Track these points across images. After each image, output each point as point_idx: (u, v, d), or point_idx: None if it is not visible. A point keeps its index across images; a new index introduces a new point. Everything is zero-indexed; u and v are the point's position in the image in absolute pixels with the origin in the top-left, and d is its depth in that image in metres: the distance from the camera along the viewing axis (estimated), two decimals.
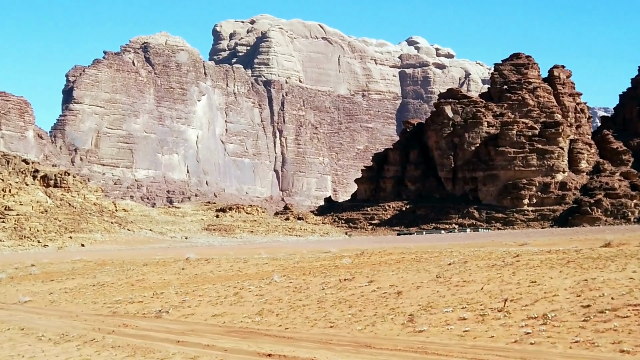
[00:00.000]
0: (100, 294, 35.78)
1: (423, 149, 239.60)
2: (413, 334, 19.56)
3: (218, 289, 32.38)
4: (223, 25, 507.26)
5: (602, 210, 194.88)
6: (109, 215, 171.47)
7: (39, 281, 45.38)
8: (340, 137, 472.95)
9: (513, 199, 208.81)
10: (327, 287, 29.10)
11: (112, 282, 40.43)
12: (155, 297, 32.12)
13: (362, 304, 24.40)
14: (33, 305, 34.47)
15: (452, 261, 33.94)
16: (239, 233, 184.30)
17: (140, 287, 37.44)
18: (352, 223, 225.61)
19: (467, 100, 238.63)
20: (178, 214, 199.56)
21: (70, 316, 28.95)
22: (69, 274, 48.99)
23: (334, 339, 19.83)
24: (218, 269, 42.85)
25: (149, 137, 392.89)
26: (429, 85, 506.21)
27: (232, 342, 20.38)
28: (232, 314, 25.75)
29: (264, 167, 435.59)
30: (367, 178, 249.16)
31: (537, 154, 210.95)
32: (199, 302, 29.13)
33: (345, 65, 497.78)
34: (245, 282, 34.15)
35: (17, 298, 37.09)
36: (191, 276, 40.45)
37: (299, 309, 25.03)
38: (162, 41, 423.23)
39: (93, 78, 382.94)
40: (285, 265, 42.81)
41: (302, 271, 36.89)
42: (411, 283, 27.47)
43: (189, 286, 35.09)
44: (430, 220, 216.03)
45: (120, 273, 45.77)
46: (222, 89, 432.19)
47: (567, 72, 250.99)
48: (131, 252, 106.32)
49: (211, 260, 48.70)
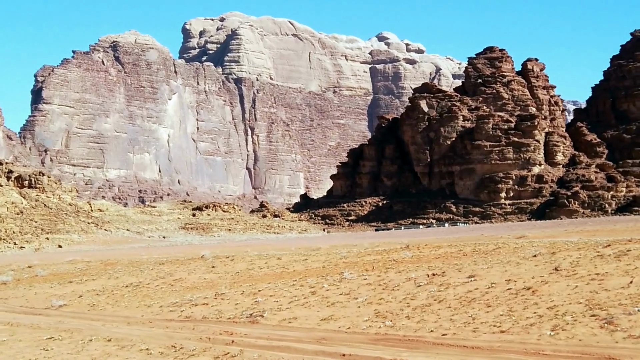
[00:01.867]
0: (143, 296, 33.45)
1: (399, 144, 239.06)
2: (634, 340, 16.70)
3: (285, 288, 29.81)
4: (192, 23, 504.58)
5: (579, 203, 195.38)
6: (85, 216, 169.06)
7: (54, 283, 42.84)
8: (312, 133, 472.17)
9: (490, 192, 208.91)
10: (421, 283, 26.70)
11: (146, 283, 38.11)
12: (220, 298, 29.59)
13: (497, 304, 21.81)
14: (71, 309, 31.71)
15: (538, 252, 31.59)
16: (217, 231, 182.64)
17: (183, 287, 35.24)
18: (328, 220, 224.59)
19: (442, 94, 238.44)
20: (154, 213, 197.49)
21: (139, 322, 26.34)
22: (79, 275, 46.67)
23: (529, 348, 17.08)
24: (255, 267, 40.55)
25: (119, 137, 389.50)
26: (399, 80, 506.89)
27: (393, 352, 17.80)
28: (343, 317, 23.16)
29: (236, 165, 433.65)
30: (343, 174, 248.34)
31: (513, 147, 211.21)
32: (289, 303, 26.47)
33: (316, 62, 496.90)
34: (308, 279, 31.69)
35: (46, 302, 34.46)
36: (233, 274, 38.22)
37: (421, 309, 22.50)
38: (131, 40, 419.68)
39: (62, 78, 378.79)
40: (331, 260, 40.49)
41: (364, 267, 34.43)
42: (531, 277, 24.93)
43: (243, 286, 32.64)
44: (407, 215, 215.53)
45: (141, 273, 43.61)
46: (193, 87, 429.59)
47: (540, 65, 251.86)
48: (115, 252, 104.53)
49: (234, 258, 46.58)
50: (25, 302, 35.84)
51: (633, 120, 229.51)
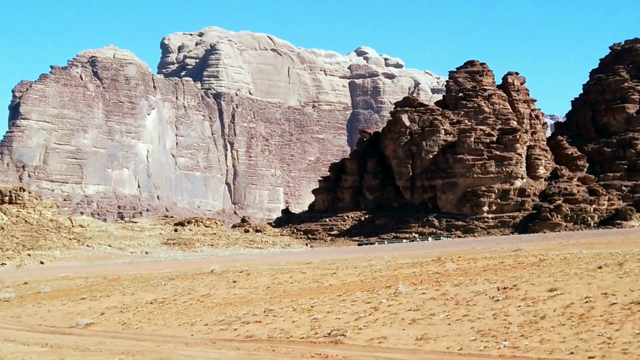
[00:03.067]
0: (176, 313, 31.80)
1: (380, 158, 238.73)
2: None
3: (339, 304, 28.24)
4: (171, 38, 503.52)
5: (562, 216, 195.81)
6: (66, 232, 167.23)
7: (64, 300, 41.05)
8: (291, 148, 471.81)
9: (472, 206, 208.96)
10: (497, 298, 25.04)
11: (171, 299, 36.38)
12: (271, 315, 27.83)
13: (619, 320, 20.12)
14: (102, 328, 29.89)
15: (604, 263, 30.29)
16: (199, 247, 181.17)
17: (216, 304, 33.59)
18: (310, 234, 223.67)
19: (423, 108, 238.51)
20: (136, 229, 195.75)
21: (198, 342, 24.48)
22: (86, 291, 44.99)
23: None
24: (282, 281, 38.85)
25: (98, 152, 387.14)
26: (379, 95, 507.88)
27: None
28: (441, 336, 21.35)
29: (215, 180, 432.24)
30: (325, 188, 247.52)
31: (495, 160, 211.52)
32: (356, 320, 24.78)
33: (295, 77, 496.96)
34: (356, 294, 30.02)
35: (66, 320, 32.76)
36: (263, 289, 36.68)
37: (529, 327, 20.77)
38: (110, 55, 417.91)
39: (40, 93, 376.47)
40: (366, 274, 38.55)
41: (410, 280, 32.78)
42: (629, 290, 23.31)
43: (284, 302, 30.89)
44: (390, 229, 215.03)
45: (154, 289, 42.06)
46: (172, 102, 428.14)
47: (520, 78, 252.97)
48: (102, 268, 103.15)
49: (250, 272, 44.74)
50: (42, 320, 34.28)
51: (613, 133, 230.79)
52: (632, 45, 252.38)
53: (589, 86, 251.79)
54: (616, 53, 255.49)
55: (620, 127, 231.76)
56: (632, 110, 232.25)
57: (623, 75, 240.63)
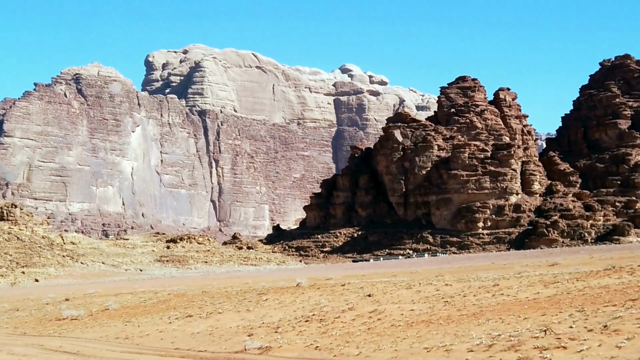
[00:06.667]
0: (378, 335, 24.04)
1: (373, 174, 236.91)
2: None
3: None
4: (155, 55, 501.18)
5: (558, 232, 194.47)
6: (59, 249, 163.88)
7: (153, 316, 35.75)
8: (276, 165, 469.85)
9: (467, 222, 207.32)
10: None
11: (321, 316, 29.25)
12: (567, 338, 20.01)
13: None
14: (286, 354, 23.79)
15: None
16: (193, 264, 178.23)
17: (410, 322, 25.45)
18: (302, 251, 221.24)
19: (416, 124, 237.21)
20: (128, 246, 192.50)
21: None
22: (172, 307, 39.25)
23: None
24: (444, 295, 31.49)
25: (82, 170, 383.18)
26: (363, 112, 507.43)
27: None
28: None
29: (200, 197, 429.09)
30: (316, 205, 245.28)
31: (490, 176, 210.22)
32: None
33: (280, 94, 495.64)
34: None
35: (233, 344, 26.11)
36: (443, 304, 28.91)
37: None
38: (94, 72, 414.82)
39: (24, 110, 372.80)
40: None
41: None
42: None
43: (495, 322, 23.96)
44: (383, 246, 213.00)
45: (261, 304, 35.74)
46: (157, 120, 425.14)
47: (512, 94, 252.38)
48: (106, 285, 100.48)
49: (375, 284, 38.93)
50: (171, 344, 27.99)
51: (605, 149, 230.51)
52: (622, 61, 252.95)
53: (580, 102, 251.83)
54: (606, 69, 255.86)
55: (612, 142, 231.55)
56: (624, 125, 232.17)
57: (614, 91, 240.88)
